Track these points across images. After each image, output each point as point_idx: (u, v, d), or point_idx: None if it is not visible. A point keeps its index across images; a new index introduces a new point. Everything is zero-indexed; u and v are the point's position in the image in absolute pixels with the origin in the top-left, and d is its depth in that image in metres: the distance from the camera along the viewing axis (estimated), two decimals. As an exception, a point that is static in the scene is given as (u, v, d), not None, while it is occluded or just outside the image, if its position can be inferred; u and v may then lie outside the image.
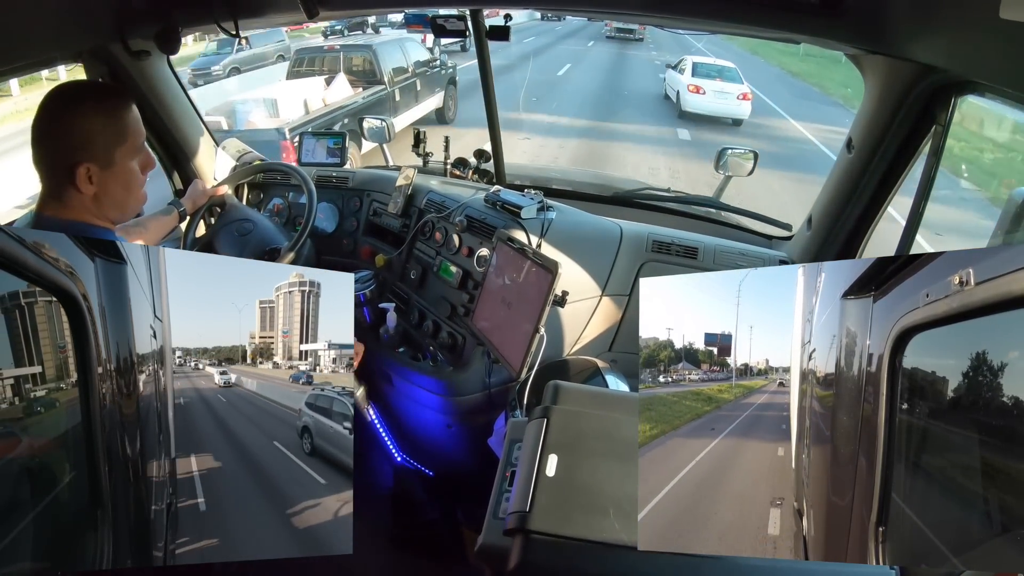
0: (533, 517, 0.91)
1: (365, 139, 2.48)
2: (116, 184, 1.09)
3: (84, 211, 1.08)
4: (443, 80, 8.43)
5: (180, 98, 2.11)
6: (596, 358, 1.68)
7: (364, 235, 2.13)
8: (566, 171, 5.99)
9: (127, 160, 1.09)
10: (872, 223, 1.61)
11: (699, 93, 9.83)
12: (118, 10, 1.64)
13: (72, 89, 1.10)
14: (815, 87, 14.97)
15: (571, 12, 2.82)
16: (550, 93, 10.97)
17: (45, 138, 1.05)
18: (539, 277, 1.37)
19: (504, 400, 1.55)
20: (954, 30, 1.03)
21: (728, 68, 10.42)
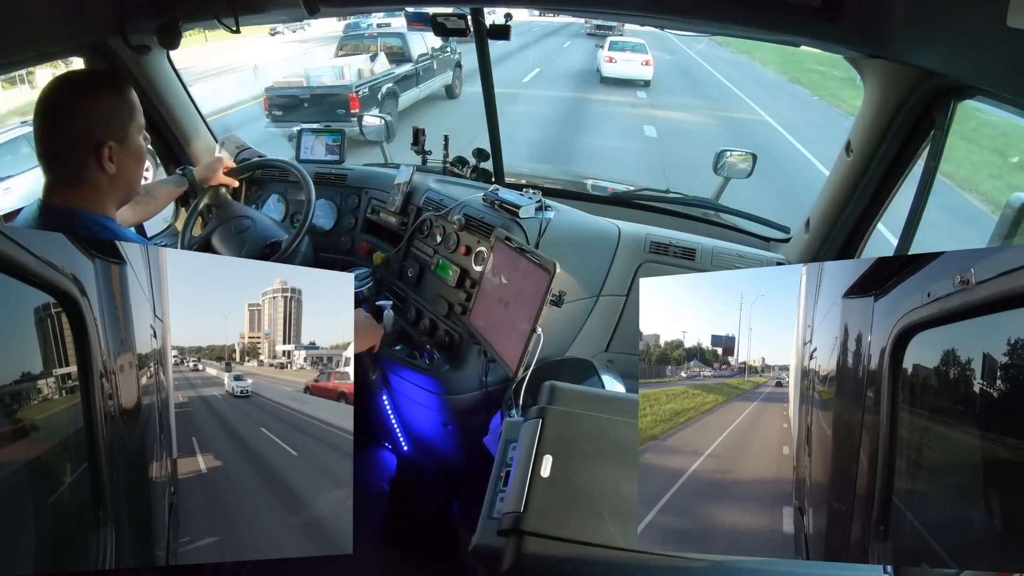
0: (527, 518, 0.91)
1: (364, 137, 2.48)
2: (131, 159, 1.13)
3: (97, 195, 1.10)
4: (452, 63, 10.57)
5: (179, 93, 2.11)
6: (592, 358, 1.68)
7: (362, 232, 2.13)
8: (565, 171, 6.01)
9: (137, 135, 1.14)
10: (870, 226, 1.61)
11: (612, 63, 13.17)
12: (119, 4, 1.64)
13: (78, 76, 1.15)
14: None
15: (570, 12, 2.81)
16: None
17: (62, 124, 1.07)
18: (536, 276, 1.36)
19: (500, 399, 1.55)
20: (956, 36, 1.03)
21: (638, 43, 13.38)
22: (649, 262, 1.76)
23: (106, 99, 1.09)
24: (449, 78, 10.47)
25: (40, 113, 1.07)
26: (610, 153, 8.81)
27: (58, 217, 1.06)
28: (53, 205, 1.08)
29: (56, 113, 1.07)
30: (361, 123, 2.47)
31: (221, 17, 1.67)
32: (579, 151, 8.80)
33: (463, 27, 1.83)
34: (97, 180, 1.09)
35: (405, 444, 2.02)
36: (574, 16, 11.93)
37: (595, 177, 2.62)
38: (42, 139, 1.07)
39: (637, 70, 13.02)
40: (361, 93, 7.78)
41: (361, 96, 7.81)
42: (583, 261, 1.71)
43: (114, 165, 1.09)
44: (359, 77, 8.05)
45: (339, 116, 7.53)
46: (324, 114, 7.65)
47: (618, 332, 1.76)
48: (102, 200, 1.10)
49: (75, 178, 1.08)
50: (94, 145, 1.07)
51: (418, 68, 9.51)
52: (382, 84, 8.36)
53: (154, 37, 1.77)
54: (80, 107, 1.07)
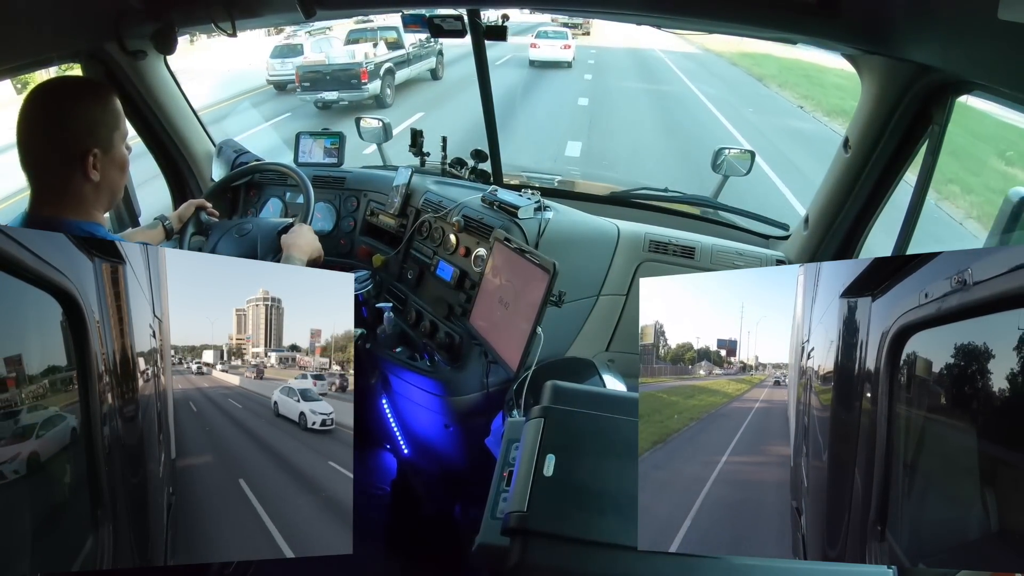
0: (531, 517, 0.91)
1: (361, 139, 2.48)
2: (114, 168, 1.12)
3: (82, 203, 1.09)
4: (435, 51, 12.96)
5: (177, 98, 2.11)
6: (593, 358, 1.68)
7: (361, 235, 2.13)
8: (565, 171, 6.03)
9: (121, 144, 1.13)
10: (869, 223, 1.61)
11: (536, 48, 15.31)
12: (115, 10, 1.63)
13: (63, 83, 1.13)
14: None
15: (570, 12, 2.82)
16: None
17: (50, 132, 1.06)
18: (536, 277, 1.37)
19: (501, 400, 1.55)
20: (951, 30, 1.03)
21: (560, 32, 15.71)
22: (649, 261, 1.77)
23: (90, 107, 1.08)
24: (433, 63, 13.03)
25: (23, 122, 1.06)
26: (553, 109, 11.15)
27: (46, 227, 1.04)
28: (40, 216, 1.07)
29: (40, 122, 1.06)
30: (359, 125, 2.46)
31: (217, 21, 1.67)
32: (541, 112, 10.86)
33: (460, 28, 1.82)
34: (82, 189, 1.08)
35: (406, 446, 2.02)
36: (569, 16, 12.58)
37: (595, 176, 2.63)
38: (27, 149, 1.07)
39: (558, 53, 15.50)
40: (368, 68, 10.28)
41: (369, 70, 10.25)
42: (583, 261, 1.72)
43: (98, 173, 1.08)
44: (365, 58, 10.52)
45: (353, 84, 10.13)
46: (341, 84, 10.11)
47: (618, 331, 1.77)
48: (88, 208, 1.10)
49: (60, 188, 1.07)
50: (79, 153, 1.06)
51: (409, 53, 12.00)
52: (383, 63, 10.76)
53: (150, 42, 1.77)
54: (64, 116, 1.06)
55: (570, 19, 18.43)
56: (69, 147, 1.06)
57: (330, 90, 10.06)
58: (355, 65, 10.24)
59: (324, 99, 10.16)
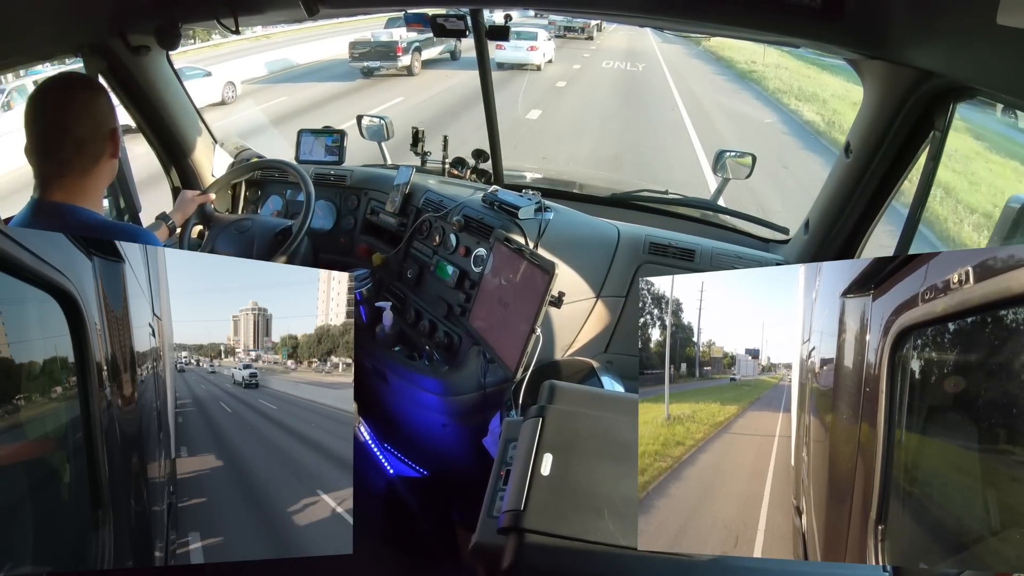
0: (528, 516, 0.90)
1: (363, 137, 2.48)
2: (113, 156, 1.19)
3: (86, 190, 1.15)
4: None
5: (179, 94, 2.10)
6: (592, 359, 1.68)
7: (361, 233, 2.12)
8: (564, 172, 6.03)
9: (117, 132, 1.20)
10: (869, 227, 1.61)
11: (501, 49, 14.46)
12: (118, 5, 1.63)
13: (69, 78, 1.22)
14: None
15: (570, 12, 2.82)
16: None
17: (57, 123, 1.11)
18: (536, 278, 1.36)
19: (500, 400, 1.55)
20: (953, 36, 1.03)
21: (528, 32, 15.17)
22: (648, 263, 1.76)
23: (94, 98, 1.16)
24: (452, 45, 15.86)
25: (33, 112, 1.11)
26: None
27: (54, 212, 1.10)
28: (48, 201, 1.11)
29: (50, 112, 1.12)
30: (360, 123, 2.46)
31: (220, 18, 1.67)
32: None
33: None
34: (86, 175, 1.14)
35: (404, 445, 2.02)
36: (568, 16, 12.74)
37: (594, 176, 2.63)
38: (37, 137, 1.12)
39: (523, 55, 15.15)
40: (403, 46, 13.89)
41: (403, 47, 13.87)
42: (582, 262, 1.71)
43: (101, 161, 1.15)
44: (399, 38, 13.93)
45: (391, 57, 13.87)
46: (381, 56, 13.92)
47: (617, 333, 1.76)
48: (90, 195, 1.16)
49: (67, 174, 1.13)
50: (85, 142, 1.12)
51: (433, 37, 13.70)
52: (413, 43, 14.18)
53: (153, 38, 1.77)
54: (73, 106, 1.12)
55: (572, 22, 18.31)
56: (78, 136, 1.12)
57: (373, 61, 13.95)
58: (392, 43, 13.94)
59: (368, 66, 13.95)
